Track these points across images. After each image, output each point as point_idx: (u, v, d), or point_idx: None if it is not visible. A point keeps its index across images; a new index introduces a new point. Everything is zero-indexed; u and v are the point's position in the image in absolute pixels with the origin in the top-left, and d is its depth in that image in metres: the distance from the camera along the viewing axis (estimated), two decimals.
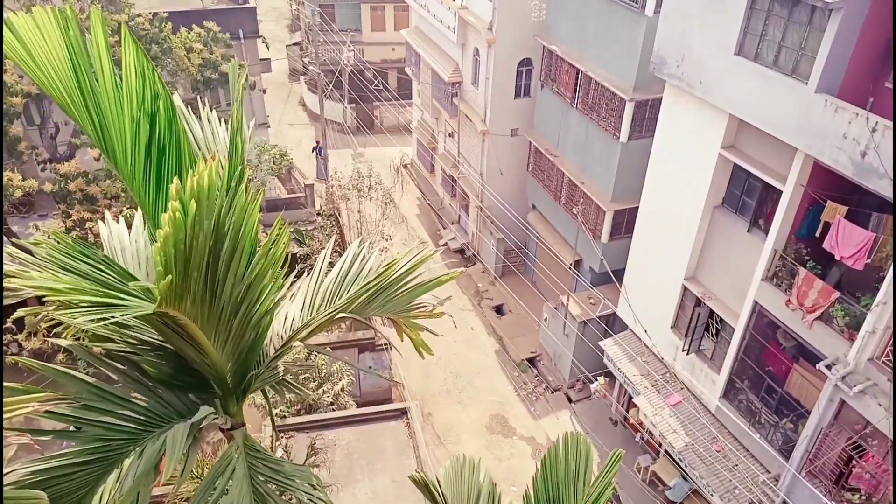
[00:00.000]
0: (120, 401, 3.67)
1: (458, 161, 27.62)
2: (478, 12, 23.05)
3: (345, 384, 18.40)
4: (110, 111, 3.67)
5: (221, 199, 3.08)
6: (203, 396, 4.13)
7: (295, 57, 41.52)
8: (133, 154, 3.81)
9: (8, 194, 18.20)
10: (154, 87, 3.77)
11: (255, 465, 3.97)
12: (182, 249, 2.85)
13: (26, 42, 3.44)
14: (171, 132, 3.89)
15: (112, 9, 21.49)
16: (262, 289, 3.73)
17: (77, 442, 3.47)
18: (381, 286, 4.69)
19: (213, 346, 3.64)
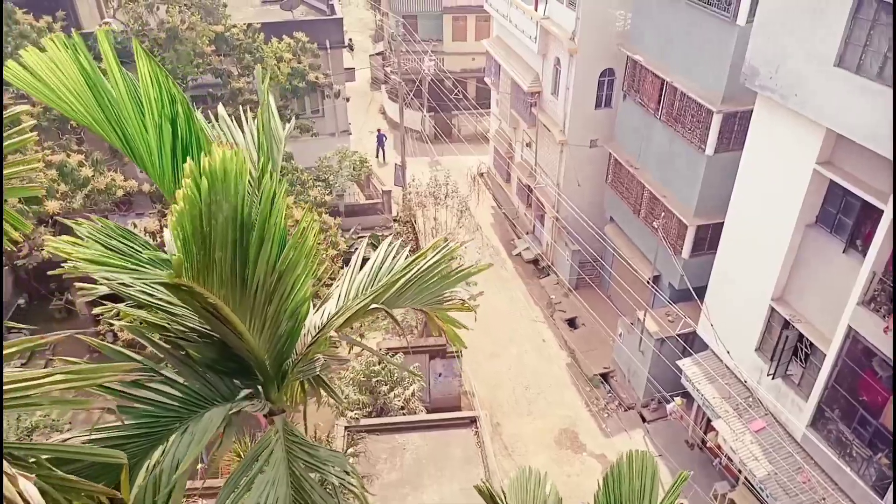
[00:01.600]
0: (168, 381, 3.91)
1: (535, 171, 27.47)
2: (560, 22, 22.91)
3: (415, 389, 18.60)
4: (132, 121, 3.88)
5: (243, 186, 3.20)
6: (246, 382, 4.32)
7: (377, 66, 42.54)
8: (160, 157, 4.01)
9: (111, 193, 19.48)
10: (171, 92, 3.95)
11: (293, 449, 4.11)
12: (199, 226, 3.01)
13: (40, 75, 3.68)
14: (191, 133, 4.07)
15: (210, 20, 22.70)
16: (295, 279, 3.83)
17: (129, 416, 3.70)
18: (411, 278, 4.79)
19: (250, 333, 3.80)
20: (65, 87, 3.50)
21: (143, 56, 3.47)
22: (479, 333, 24.14)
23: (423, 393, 19.86)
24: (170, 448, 3.36)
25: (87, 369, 2.95)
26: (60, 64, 3.44)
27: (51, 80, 3.48)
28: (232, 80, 23.05)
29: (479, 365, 22.69)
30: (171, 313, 3.94)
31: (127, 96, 3.56)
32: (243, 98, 22.87)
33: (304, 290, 3.78)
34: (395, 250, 4.96)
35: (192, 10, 22.38)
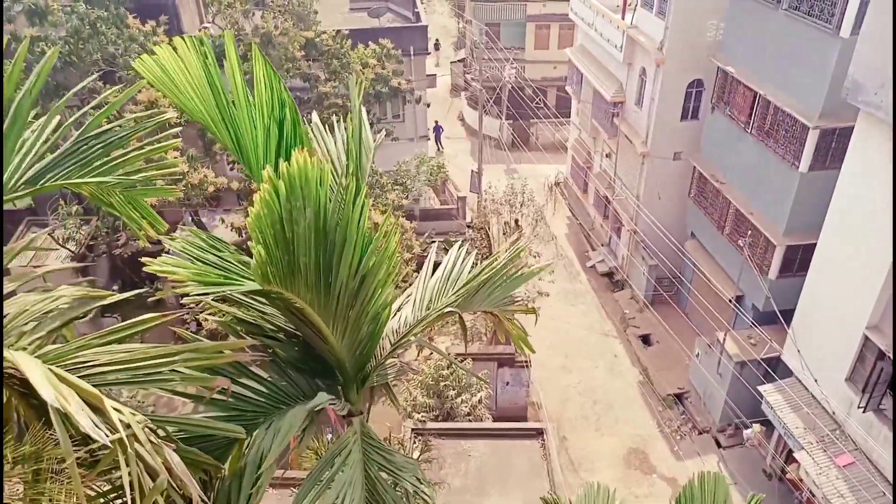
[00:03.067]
0: (256, 377, 4.05)
1: (614, 182, 26.96)
2: (648, 31, 22.43)
3: (482, 396, 18.57)
4: (244, 122, 4.05)
5: (324, 192, 3.27)
6: (327, 383, 4.43)
7: (458, 73, 42.90)
8: (265, 158, 4.16)
9: (203, 189, 20.45)
10: (281, 95, 4.10)
11: (369, 451, 4.18)
12: (279, 230, 3.10)
13: (169, 72, 3.89)
14: (295, 136, 4.21)
15: (301, 26, 23.54)
16: (377, 283, 3.90)
17: (217, 408, 3.86)
18: (484, 280, 4.87)
19: (333, 335, 3.89)
20: (189, 85, 3.72)
21: (260, 60, 3.64)
22: (549, 345, 23.89)
23: (489, 401, 19.80)
24: (254, 441, 3.50)
25: (208, 348, 3.13)
26: (188, 63, 3.66)
27: (178, 77, 3.70)
28: (319, 85, 23.79)
29: (548, 377, 22.42)
30: (260, 311, 4.11)
31: (243, 98, 3.74)
32: (329, 102, 23.57)
33: (386, 295, 3.87)
34: (464, 254, 5.03)
35: (286, 17, 23.27)
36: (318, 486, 3.65)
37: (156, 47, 3.71)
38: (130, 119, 4.55)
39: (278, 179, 2.94)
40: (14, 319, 3.14)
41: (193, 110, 3.89)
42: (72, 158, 4.17)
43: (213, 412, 3.70)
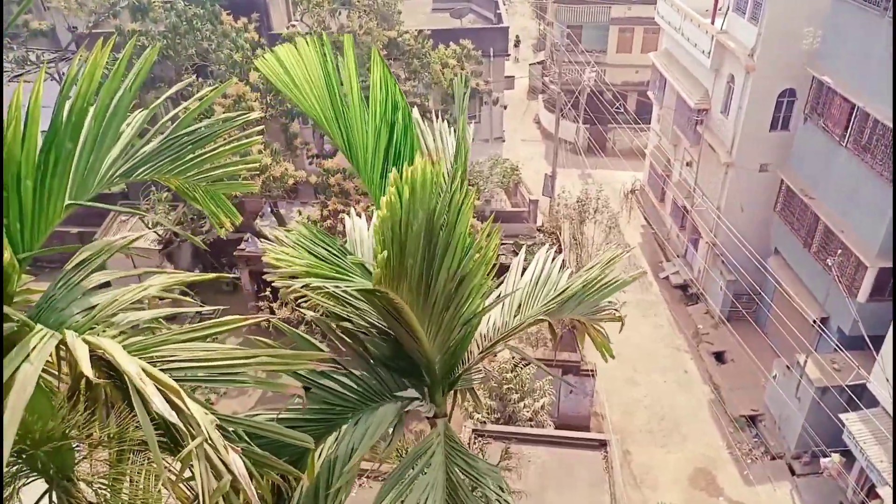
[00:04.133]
0: (346, 372, 4.10)
1: (694, 192, 26.03)
2: (739, 37, 21.52)
3: (546, 403, 18.35)
4: (356, 121, 4.12)
5: (436, 195, 3.27)
6: (414, 382, 4.45)
7: (536, 76, 42.52)
8: (373, 158, 4.21)
9: (283, 181, 21.13)
10: (395, 98, 4.14)
11: (452, 455, 4.16)
12: (397, 233, 3.12)
13: (288, 68, 3.98)
14: (406, 138, 4.25)
15: (385, 25, 23.93)
16: (472, 287, 3.89)
17: (308, 401, 3.92)
18: (576, 289, 4.83)
19: (426, 336, 3.89)
20: (305, 82, 3.83)
21: (378, 61, 3.70)
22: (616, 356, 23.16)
23: (552, 408, 19.54)
24: (343, 436, 3.56)
25: (287, 355, 3.21)
26: (307, 62, 3.77)
27: (296, 74, 3.82)
28: (398, 84, 24.13)
29: (614, 388, 21.92)
30: (354, 307, 4.17)
31: (357, 98, 3.81)
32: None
33: (480, 299, 3.85)
34: (551, 258, 4.96)
35: (370, 16, 23.71)
36: (399, 484, 3.69)
37: (277, 46, 3.85)
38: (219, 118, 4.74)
39: (403, 184, 2.98)
40: (104, 308, 3.33)
41: (308, 107, 4.01)
42: (164, 153, 4.36)
43: (308, 403, 3.80)
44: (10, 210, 3.00)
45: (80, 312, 3.24)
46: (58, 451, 3.39)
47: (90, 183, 3.64)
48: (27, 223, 3.12)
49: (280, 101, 23.16)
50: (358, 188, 23.04)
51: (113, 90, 3.91)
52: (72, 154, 3.36)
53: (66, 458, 3.50)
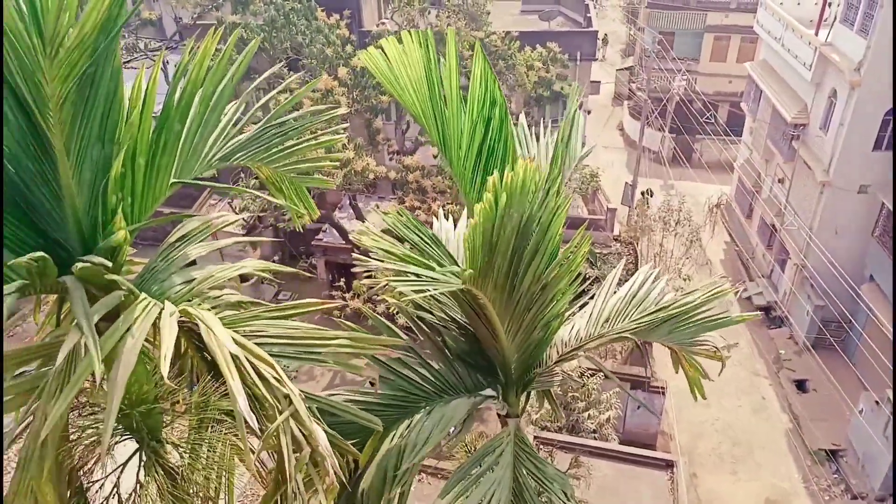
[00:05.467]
0: (423, 362, 4.14)
1: (785, 210, 24.78)
2: (845, 50, 20.31)
3: (611, 416, 17.93)
4: (453, 116, 4.14)
5: (533, 199, 3.25)
6: (488, 380, 4.44)
7: (623, 82, 41.62)
8: (467, 153, 4.24)
9: (364, 176, 21.59)
10: (493, 94, 4.14)
11: (521, 456, 4.13)
12: (489, 236, 3.10)
13: (391, 61, 4.04)
14: (500, 136, 4.26)
15: (473, 26, 24.03)
16: (556, 292, 3.85)
17: (385, 387, 3.98)
18: (670, 314, 4.67)
19: (505, 335, 3.87)
20: (407, 77, 3.93)
21: (480, 58, 3.74)
22: None
23: (618, 422, 19.07)
24: (415, 425, 3.61)
25: (365, 338, 3.30)
26: (410, 57, 3.85)
27: (398, 69, 3.92)
28: None
29: (684, 408, 21.17)
30: (436, 299, 4.23)
31: (455, 94, 3.87)
32: None
33: (562, 304, 3.82)
34: (652, 278, 4.82)
35: (459, 16, 23.89)
36: (465, 480, 3.71)
37: (382, 40, 3.96)
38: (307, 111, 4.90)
39: (501, 190, 3.01)
40: (201, 283, 3.51)
41: (407, 101, 4.10)
42: (258, 142, 4.56)
43: (382, 388, 3.89)
44: (124, 185, 3.21)
45: (179, 284, 3.43)
46: (150, 413, 3.60)
47: (193, 163, 3.85)
48: (137, 198, 3.33)
49: (365, 97, 23.68)
50: (435, 186, 23.25)
51: (218, 78, 4.11)
52: (179, 135, 3.56)
53: (156, 421, 3.71)
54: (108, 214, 3.09)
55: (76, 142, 2.77)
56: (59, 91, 2.52)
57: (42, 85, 2.48)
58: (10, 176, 2.95)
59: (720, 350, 4.67)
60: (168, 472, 3.74)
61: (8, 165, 2.97)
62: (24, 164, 2.83)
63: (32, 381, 3.52)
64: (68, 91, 2.58)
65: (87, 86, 2.70)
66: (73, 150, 2.77)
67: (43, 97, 2.54)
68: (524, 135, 4.59)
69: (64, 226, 3.03)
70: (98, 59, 2.71)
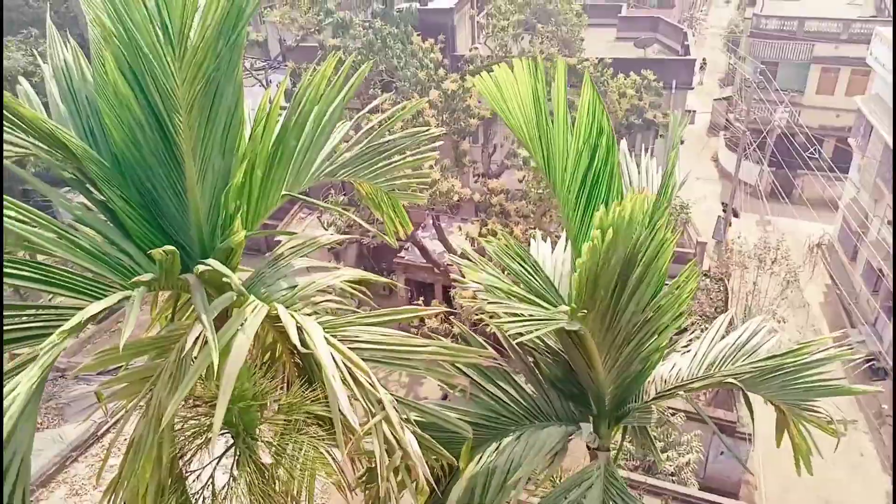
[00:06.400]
0: (514, 384, 4.11)
1: (893, 254, 23.09)
2: None
3: (692, 459, 17.13)
4: (559, 142, 4.14)
5: (640, 231, 3.19)
6: (580, 409, 4.34)
7: (720, 112, 40.31)
8: (571, 180, 4.21)
9: (449, 197, 21.88)
10: (600, 123, 4.11)
11: (611, 491, 4.01)
12: (594, 270, 3.06)
13: (502, 87, 4.09)
14: (606, 164, 4.21)
15: (567, 51, 24.04)
16: (659, 326, 3.75)
17: (475, 405, 3.98)
18: (783, 367, 4.41)
19: (602, 365, 3.79)
20: (515, 101, 4.00)
21: (588, 86, 3.76)
22: None
23: (699, 466, 18.18)
24: (504, 449, 3.61)
25: (456, 348, 3.36)
26: (520, 82, 3.93)
27: (508, 93, 4.00)
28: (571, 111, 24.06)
29: (773, 458, 19.92)
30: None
31: (562, 121, 3.92)
32: None
33: (663, 339, 3.75)
34: (765, 328, 4.62)
35: (553, 42, 23.97)
36: None
37: (495, 66, 4.06)
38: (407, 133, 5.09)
39: (608, 226, 3.02)
40: (304, 289, 3.69)
41: (514, 126, 4.17)
42: (360, 160, 4.77)
43: (471, 407, 3.92)
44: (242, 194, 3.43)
45: (284, 289, 3.61)
46: (247, 409, 3.79)
47: (302, 177, 4.06)
48: (252, 206, 3.55)
49: (455, 119, 24.07)
50: (518, 210, 23.21)
51: (330, 99, 4.34)
52: (294, 150, 3.77)
53: (252, 418, 3.90)
54: (227, 220, 3.31)
55: (201, 149, 3.00)
56: (188, 94, 2.74)
57: (173, 89, 2.70)
58: (142, 180, 3.22)
59: (835, 422, 4.30)
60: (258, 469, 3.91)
61: (138, 169, 3.25)
62: (154, 169, 3.09)
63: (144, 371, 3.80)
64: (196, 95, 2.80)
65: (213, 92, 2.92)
66: (197, 157, 3.00)
67: (173, 101, 2.77)
68: (626, 162, 4.55)
69: (186, 228, 3.27)
70: (221, 63, 2.92)
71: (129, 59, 2.81)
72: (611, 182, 3.96)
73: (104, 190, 3.14)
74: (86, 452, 11.99)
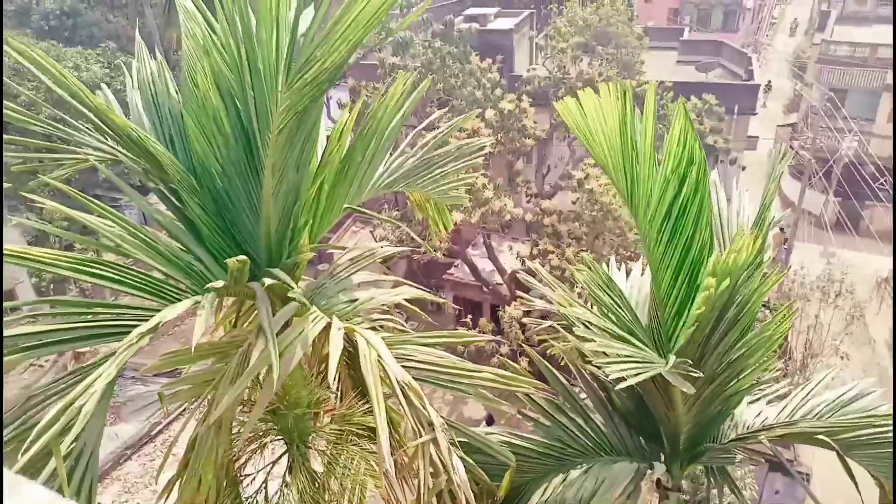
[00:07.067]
0: (583, 414, 4.02)
1: None
2: None
3: (746, 498, 16.49)
4: (644, 172, 4.00)
5: (738, 272, 3.11)
6: (652, 446, 4.21)
7: (784, 138, 39.14)
8: (655, 210, 4.06)
9: (501, 216, 21.89)
10: (692, 153, 3.98)
11: None
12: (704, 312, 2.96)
13: (586, 111, 4.02)
14: (695, 196, 4.03)
15: (626, 74, 23.85)
16: (745, 367, 3.64)
17: (541, 433, 3.92)
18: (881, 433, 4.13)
19: (680, 401, 3.69)
20: (600, 127, 3.93)
21: (682, 115, 3.66)
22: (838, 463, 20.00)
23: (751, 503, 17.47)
24: (573, 482, 3.55)
25: (510, 376, 3.35)
26: (605, 109, 3.87)
27: (592, 118, 3.94)
28: None
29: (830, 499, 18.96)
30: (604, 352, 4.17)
31: (649, 150, 3.80)
32: None
33: (748, 381, 3.64)
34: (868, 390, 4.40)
35: (612, 64, 23.83)
36: None
37: (579, 91, 4.02)
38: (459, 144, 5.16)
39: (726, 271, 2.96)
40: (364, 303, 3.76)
41: (597, 152, 4.05)
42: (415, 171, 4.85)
43: (537, 435, 3.88)
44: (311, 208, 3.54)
45: (344, 303, 3.69)
46: (302, 417, 3.87)
47: (363, 190, 4.17)
48: (317, 220, 3.65)
49: (510, 139, 24.13)
50: (571, 232, 23.01)
51: (392, 114, 4.44)
52: (359, 165, 3.87)
53: (306, 426, 3.97)
54: (294, 233, 3.42)
55: (281, 165, 3.12)
56: (285, 116, 2.86)
57: (271, 113, 2.82)
58: (219, 190, 3.36)
59: None
60: (311, 477, 3.98)
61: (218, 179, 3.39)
62: (233, 180, 3.22)
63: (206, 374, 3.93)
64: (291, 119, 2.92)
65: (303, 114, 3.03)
66: (276, 172, 3.12)
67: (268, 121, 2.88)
68: (717, 193, 4.41)
69: (256, 239, 3.39)
70: (320, 93, 3.04)
71: (230, 74, 2.94)
72: (699, 214, 3.79)
73: (183, 197, 3.30)
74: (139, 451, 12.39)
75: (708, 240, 3.82)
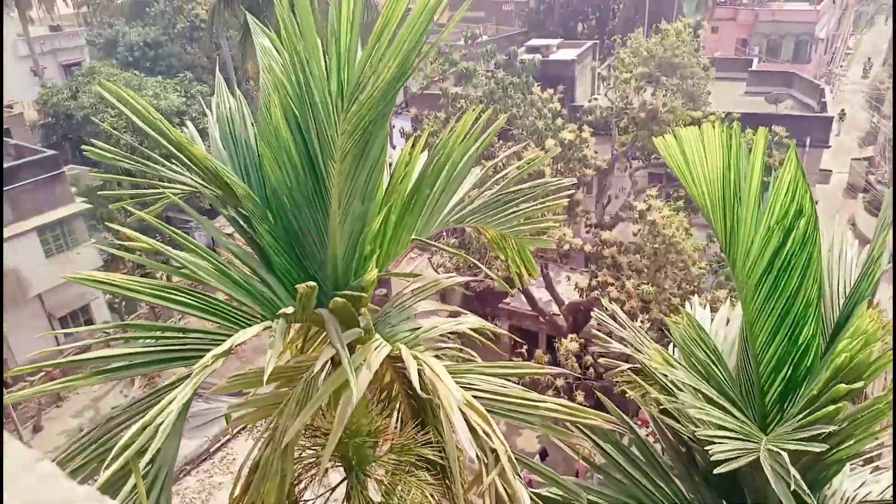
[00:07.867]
0: (660, 470, 3.84)
1: None
2: None
3: None
4: (746, 218, 3.82)
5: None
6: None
7: (859, 172, 37.50)
8: (756, 261, 3.89)
9: (560, 247, 21.69)
10: (801, 204, 3.69)
11: None
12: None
13: (685, 149, 3.89)
14: (802, 250, 3.80)
15: (691, 105, 23.45)
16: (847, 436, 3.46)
17: (611, 488, 3.79)
18: None
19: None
20: (700, 166, 3.80)
21: (793, 163, 3.44)
22: None
23: None
24: None
25: (575, 408, 3.30)
26: (708, 147, 3.74)
27: (692, 156, 3.81)
28: None
29: None
30: (671, 394, 4.04)
31: (754, 196, 3.64)
32: None
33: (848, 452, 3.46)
34: None
35: (676, 95, 23.49)
36: None
37: (679, 129, 3.92)
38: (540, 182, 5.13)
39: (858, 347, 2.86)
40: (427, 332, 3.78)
41: (695, 193, 3.88)
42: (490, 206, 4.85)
43: (604, 488, 3.77)
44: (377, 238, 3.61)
45: (407, 330, 3.72)
46: (361, 445, 3.89)
47: (432, 224, 4.21)
48: (384, 249, 3.71)
49: (570, 169, 24.00)
50: (631, 264, 22.52)
51: (465, 150, 4.49)
52: (427, 198, 3.93)
53: (366, 454, 3.99)
54: (361, 261, 3.49)
55: (347, 194, 3.20)
56: (346, 144, 2.94)
57: (333, 138, 2.91)
58: (290, 218, 3.47)
59: None
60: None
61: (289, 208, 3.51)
62: (303, 209, 3.32)
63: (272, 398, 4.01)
64: (352, 145, 3.00)
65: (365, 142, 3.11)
66: (343, 201, 3.20)
67: (331, 149, 2.98)
68: (835, 253, 4.17)
69: (324, 266, 3.48)
70: (377, 117, 3.12)
71: (295, 106, 3.07)
72: (806, 271, 3.57)
73: (256, 226, 3.42)
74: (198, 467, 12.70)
75: (815, 298, 3.58)
